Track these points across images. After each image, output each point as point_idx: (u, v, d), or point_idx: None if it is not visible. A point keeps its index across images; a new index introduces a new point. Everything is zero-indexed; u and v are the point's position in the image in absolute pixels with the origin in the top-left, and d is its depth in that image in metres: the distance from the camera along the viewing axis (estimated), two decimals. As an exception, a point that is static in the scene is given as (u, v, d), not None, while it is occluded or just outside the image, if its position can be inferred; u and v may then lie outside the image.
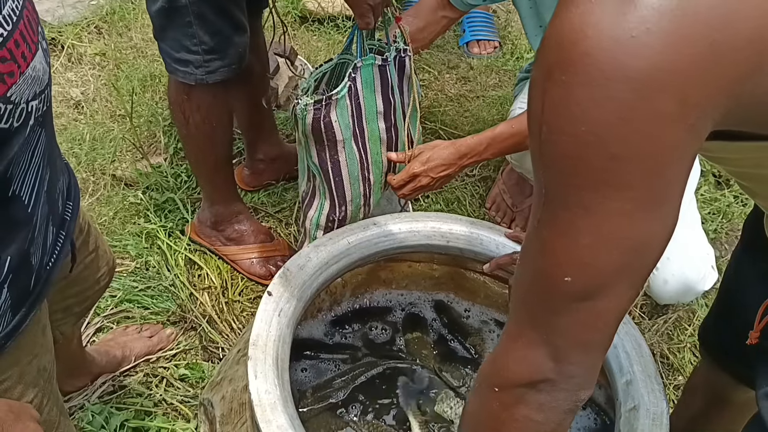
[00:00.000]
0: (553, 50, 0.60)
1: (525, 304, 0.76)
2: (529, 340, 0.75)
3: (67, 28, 2.86)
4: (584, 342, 0.74)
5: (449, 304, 1.58)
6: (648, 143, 0.60)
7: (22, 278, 0.89)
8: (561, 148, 0.62)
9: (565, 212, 0.66)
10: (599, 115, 0.59)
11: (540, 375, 0.75)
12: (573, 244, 0.67)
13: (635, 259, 0.68)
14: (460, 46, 2.96)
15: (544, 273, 0.71)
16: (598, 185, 0.62)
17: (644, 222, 0.65)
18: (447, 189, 2.34)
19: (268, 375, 1.05)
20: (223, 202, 2.01)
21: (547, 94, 0.61)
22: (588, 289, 0.69)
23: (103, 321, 1.91)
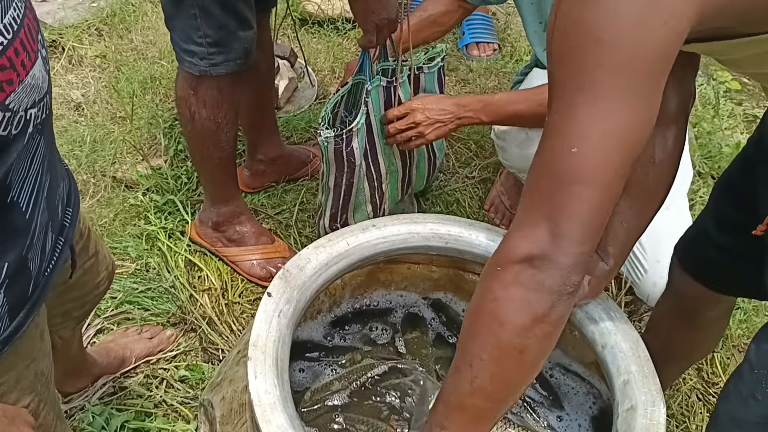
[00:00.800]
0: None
1: (534, 188, 0.89)
2: (532, 221, 0.87)
3: (68, 30, 2.87)
4: (579, 217, 0.85)
5: (447, 303, 1.58)
6: (629, 34, 0.78)
7: (20, 284, 0.90)
8: (565, 43, 0.81)
9: (569, 94, 0.82)
10: (589, 13, 0.79)
11: (537, 250, 0.86)
12: (575, 119, 0.82)
13: (627, 135, 0.83)
14: (459, 49, 2.98)
15: (553, 150, 0.85)
16: (589, 67, 0.80)
17: (632, 102, 0.81)
18: (447, 191, 2.35)
19: (267, 375, 1.06)
20: (224, 202, 2.01)
21: (559, 8, 0.82)
22: (589, 158, 0.83)
23: (103, 322, 1.91)
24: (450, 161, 2.46)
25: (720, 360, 1.95)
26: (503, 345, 0.89)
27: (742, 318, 2.05)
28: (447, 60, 2.85)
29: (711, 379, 1.93)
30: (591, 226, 0.86)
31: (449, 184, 2.38)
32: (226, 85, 1.77)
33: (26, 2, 0.79)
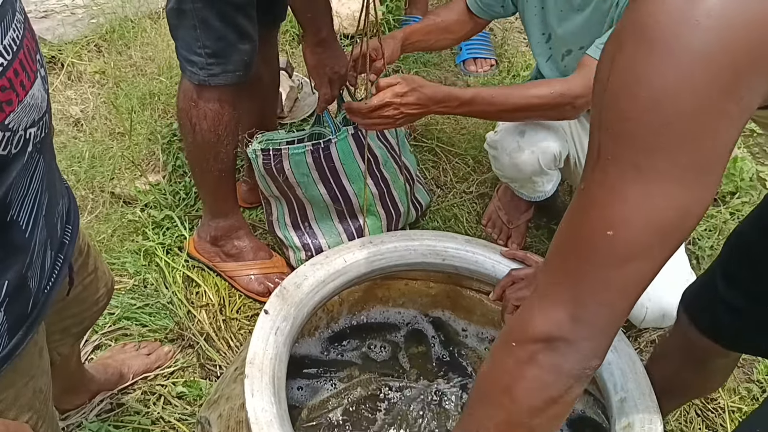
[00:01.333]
0: (627, 29, 0.71)
1: (560, 261, 0.81)
2: (555, 298, 0.79)
3: (67, 46, 2.88)
4: (607, 303, 0.77)
5: (446, 321, 1.58)
6: (700, 112, 0.67)
7: (20, 302, 0.90)
8: (621, 110, 0.70)
9: (617, 170, 0.72)
10: (659, 83, 0.67)
11: (557, 332, 0.79)
12: (620, 199, 0.72)
13: (677, 223, 0.74)
14: (457, 64, 2.99)
15: (587, 226, 0.76)
16: (651, 147, 0.69)
17: (689, 186, 0.71)
18: (444, 207, 2.35)
19: (264, 393, 1.06)
20: (223, 216, 2.02)
21: (615, 63, 0.71)
22: (627, 246, 0.74)
23: (101, 338, 1.91)
24: (448, 176, 2.47)
25: (718, 375, 1.95)
26: (512, 422, 0.85)
27: (740, 333, 2.05)
28: (443, 76, 2.89)
29: (710, 395, 1.92)
30: (618, 313, 0.79)
31: (447, 200, 2.39)
32: (227, 97, 1.78)
33: (25, 22, 0.79)
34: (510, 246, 2.20)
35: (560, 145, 1.94)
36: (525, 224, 2.27)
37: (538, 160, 1.93)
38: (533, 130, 1.93)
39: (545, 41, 1.93)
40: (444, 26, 2.06)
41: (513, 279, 1.39)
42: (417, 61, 2.95)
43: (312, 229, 2.08)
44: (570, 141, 2.03)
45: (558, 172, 2.05)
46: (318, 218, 2.07)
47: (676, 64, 0.67)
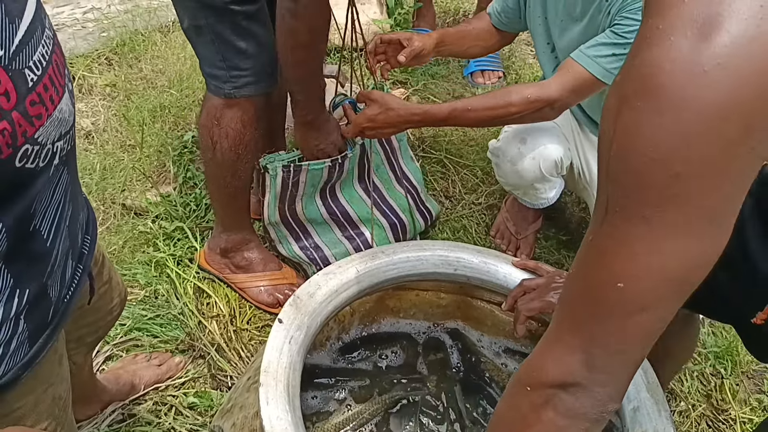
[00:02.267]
0: (632, 80, 0.68)
1: (571, 310, 0.80)
2: (567, 345, 0.79)
3: (78, 59, 2.91)
4: (620, 352, 0.77)
5: (462, 331, 1.59)
6: (710, 165, 0.66)
7: (40, 310, 0.91)
8: (628, 164, 0.69)
9: (626, 224, 0.71)
10: (666, 139, 0.65)
11: (571, 378, 0.78)
12: (630, 252, 0.71)
13: (687, 274, 0.72)
14: (464, 76, 3.01)
15: (596, 278, 0.75)
16: (660, 200, 0.68)
17: (699, 238, 0.70)
18: (454, 218, 2.36)
19: (279, 401, 1.06)
20: (235, 229, 2.03)
21: (620, 117, 0.69)
22: (637, 298, 0.73)
23: (112, 349, 1.92)
24: (456, 188, 2.48)
25: (729, 387, 1.95)
26: None
27: (750, 344, 2.05)
28: (450, 88, 2.90)
29: (720, 405, 1.92)
30: (632, 360, 0.79)
31: (456, 211, 2.40)
32: (249, 117, 1.79)
33: (54, 38, 0.81)
34: (519, 257, 2.21)
35: (561, 151, 1.95)
36: (533, 235, 2.28)
37: (539, 166, 1.94)
38: (534, 137, 1.95)
39: (550, 51, 1.95)
40: (476, 34, 2.09)
41: (524, 289, 1.39)
42: (425, 74, 2.97)
43: (316, 244, 2.10)
44: (573, 150, 2.05)
45: (561, 179, 2.06)
46: (320, 233, 2.10)
47: (683, 118, 0.64)
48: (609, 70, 1.67)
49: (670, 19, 0.65)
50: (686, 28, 0.64)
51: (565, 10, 1.82)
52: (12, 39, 0.72)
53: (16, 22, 0.73)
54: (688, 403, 1.91)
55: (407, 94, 2.82)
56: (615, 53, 1.67)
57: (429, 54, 1.99)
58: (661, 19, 0.66)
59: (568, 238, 2.34)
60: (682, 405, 1.90)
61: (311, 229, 2.11)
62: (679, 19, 0.65)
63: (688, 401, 1.91)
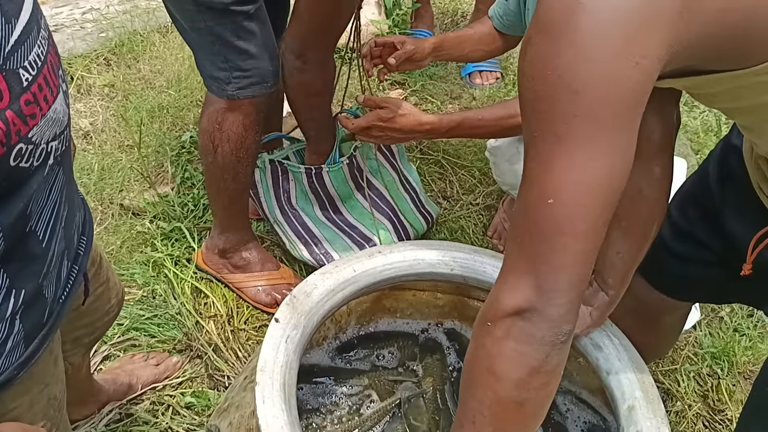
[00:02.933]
0: (532, 24, 0.81)
1: (516, 238, 0.87)
2: (517, 271, 0.86)
3: (77, 59, 2.91)
4: (563, 266, 0.83)
5: (459, 331, 1.59)
6: (600, 78, 0.76)
7: (36, 311, 0.92)
8: (536, 91, 0.80)
9: (543, 143, 0.81)
10: (561, 61, 0.77)
11: (525, 303, 0.85)
12: (551, 169, 0.81)
13: (604, 180, 0.81)
14: (462, 77, 3.01)
15: (530, 200, 0.84)
16: (566, 117, 0.78)
17: (607, 146, 0.80)
18: (451, 218, 2.36)
19: (275, 400, 1.07)
20: (234, 230, 2.03)
21: (526, 54, 0.81)
22: (566, 211, 0.81)
23: (110, 349, 1.92)
24: (454, 188, 2.48)
25: (726, 387, 1.95)
26: (502, 400, 0.89)
27: (747, 345, 2.05)
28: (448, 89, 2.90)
29: (717, 406, 1.92)
30: (576, 275, 0.85)
31: (453, 212, 2.40)
32: (251, 119, 1.79)
33: (49, 39, 0.82)
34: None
35: None
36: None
37: None
38: None
39: None
40: (477, 38, 2.08)
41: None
42: (423, 74, 2.97)
43: (327, 251, 2.11)
44: None
45: None
46: (330, 242, 2.12)
47: (570, 42, 0.76)
48: None
49: None
50: None
51: None
52: (8, 39, 0.72)
53: (12, 22, 0.73)
54: (684, 404, 1.91)
55: (405, 95, 2.83)
56: None
57: (425, 58, 1.98)
58: None
59: (566, 238, 2.34)
60: (678, 405, 1.91)
61: (321, 237, 2.12)
62: None
63: (684, 401, 1.91)
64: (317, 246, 2.11)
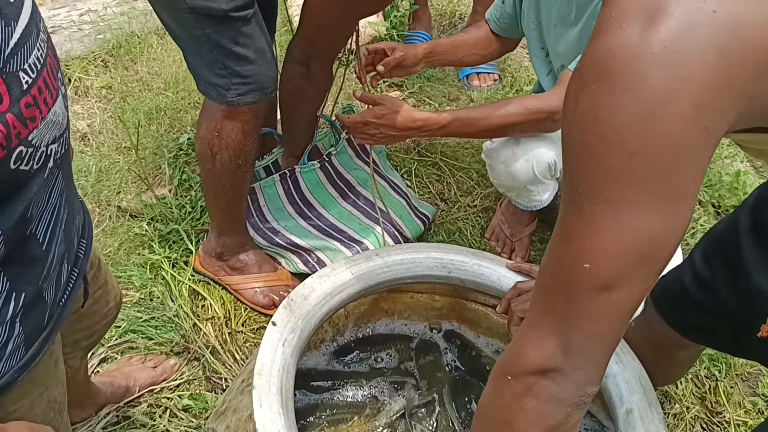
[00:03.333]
0: (587, 66, 0.72)
1: (544, 294, 0.82)
2: (544, 329, 0.80)
3: (74, 61, 2.91)
4: (594, 333, 0.78)
5: (457, 332, 1.59)
6: (664, 142, 0.68)
7: (36, 314, 0.91)
8: (587, 145, 0.72)
9: (589, 203, 0.73)
10: (621, 118, 0.68)
11: (550, 363, 0.79)
12: (594, 231, 0.74)
13: (651, 251, 0.74)
14: (460, 79, 3.01)
15: (565, 259, 0.77)
16: (619, 178, 0.70)
17: (661, 215, 0.72)
18: (449, 220, 2.36)
19: (272, 404, 1.06)
20: (231, 234, 2.03)
21: (579, 101, 0.72)
22: (604, 276, 0.75)
23: (107, 351, 1.92)
24: (452, 190, 2.48)
25: (723, 389, 1.95)
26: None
27: (744, 346, 2.05)
28: (446, 90, 2.90)
29: (715, 408, 1.92)
30: (606, 341, 0.79)
31: (451, 213, 2.40)
32: (249, 126, 1.78)
33: (48, 42, 0.82)
34: (514, 259, 2.22)
35: (555, 153, 1.96)
36: (528, 237, 2.28)
37: (532, 168, 1.95)
38: (528, 139, 1.95)
39: (544, 56, 1.96)
40: (472, 42, 2.09)
41: (519, 291, 1.40)
42: (421, 76, 2.97)
43: (319, 258, 2.11)
44: None
45: (555, 182, 2.07)
46: (321, 249, 2.14)
47: (636, 98, 0.68)
48: None
49: (621, 7, 0.70)
50: (636, 15, 0.68)
51: (559, 15, 1.82)
52: (7, 42, 0.72)
53: (12, 25, 0.73)
54: (682, 406, 1.91)
55: (403, 97, 2.83)
56: None
57: (416, 64, 1.99)
58: (614, 8, 0.70)
59: (563, 240, 2.34)
60: (676, 407, 1.91)
61: (309, 247, 2.13)
62: (629, 7, 0.69)
63: (682, 404, 1.91)
64: (309, 255, 2.12)
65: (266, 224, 2.16)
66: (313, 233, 2.15)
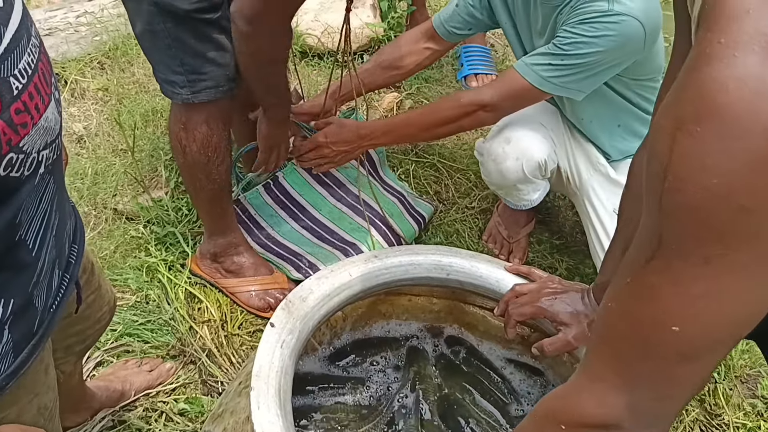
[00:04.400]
0: (689, 101, 0.60)
1: (614, 348, 0.74)
2: (610, 385, 0.74)
3: (71, 63, 2.90)
4: (669, 397, 0.72)
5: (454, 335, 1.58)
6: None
7: (25, 320, 0.90)
8: (687, 198, 0.61)
9: (683, 263, 0.64)
10: (732, 166, 0.58)
11: (613, 419, 0.74)
12: (687, 294, 0.65)
13: (747, 318, 0.67)
14: (458, 80, 3.01)
15: (648, 319, 0.69)
16: (724, 237, 0.61)
17: (764, 278, 0.63)
18: (447, 222, 2.36)
19: (270, 406, 1.06)
20: (221, 233, 2.02)
21: (676, 144, 0.61)
22: (693, 343, 0.68)
23: (103, 355, 1.91)
24: (449, 192, 2.47)
25: (723, 391, 1.94)
26: None
27: (744, 348, 2.05)
28: (444, 92, 2.90)
29: (714, 410, 1.92)
30: (678, 404, 0.74)
31: (449, 215, 2.39)
32: (215, 119, 1.78)
33: (40, 47, 0.81)
34: (512, 261, 2.21)
35: (546, 153, 1.97)
36: (525, 239, 2.27)
37: (522, 167, 1.96)
38: (519, 138, 1.98)
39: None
40: (387, 64, 2.16)
41: (516, 294, 1.39)
42: (418, 77, 2.96)
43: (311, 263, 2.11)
44: (563, 155, 2.06)
45: (546, 182, 2.07)
46: (314, 254, 2.14)
47: (751, 142, 0.57)
48: (545, 78, 1.76)
49: (733, 32, 0.58)
50: (753, 42, 0.57)
51: (528, 25, 1.87)
52: None
53: (1, 31, 0.72)
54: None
55: (400, 98, 2.82)
56: (551, 63, 1.75)
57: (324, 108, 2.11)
58: (722, 33, 0.59)
59: (561, 242, 2.34)
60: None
61: (302, 253, 2.12)
62: (744, 33, 0.58)
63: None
64: (301, 261, 2.11)
65: (262, 231, 2.16)
66: (306, 237, 2.14)
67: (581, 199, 2.05)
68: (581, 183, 2.03)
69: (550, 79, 1.76)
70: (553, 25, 1.78)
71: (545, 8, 1.79)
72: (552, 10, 1.77)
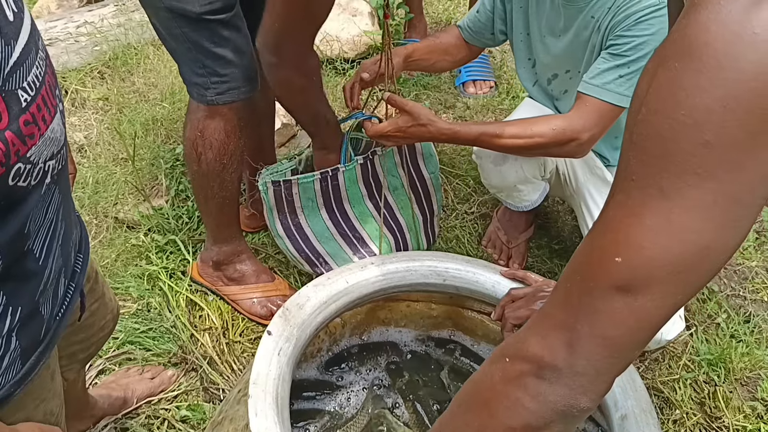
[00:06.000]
0: (673, 42, 0.63)
1: (565, 284, 0.75)
2: (555, 322, 0.74)
3: (71, 73, 2.92)
4: (606, 337, 0.70)
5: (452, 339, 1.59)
6: (744, 135, 0.59)
7: (32, 328, 0.92)
8: (655, 128, 0.63)
9: (640, 193, 0.65)
10: (702, 101, 0.60)
11: (550, 358, 0.73)
12: (636, 223, 0.66)
13: (693, 260, 0.65)
14: (456, 86, 3.02)
15: (596, 250, 0.70)
16: (683, 170, 0.62)
17: (716, 221, 0.63)
18: (446, 228, 2.36)
19: (268, 413, 1.06)
20: (226, 241, 2.03)
21: (655, 79, 0.63)
22: (634, 276, 0.67)
23: (105, 363, 1.92)
24: (449, 197, 2.48)
25: (723, 394, 1.95)
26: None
27: (744, 351, 2.05)
28: (442, 98, 2.91)
29: (714, 413, 1.92)
30: (616, 350, 0.71)
31: (448, 221, 2.40)
32: (232, 126, 1.80)
33: (47, 59, 0.83)
34: (511, 266, 2.22)
35: None
36: (525, 244, 2.28)
37: (521, 167, 1.96)
38: None
39: (531, 66, 1.99)
40: (443, 48, 2.11)
41: (512, 298, 1.40)
42: (417, 84, 2.98)
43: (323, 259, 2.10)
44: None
45: (545, 183, 2.08)
46: (331, 254, 2.10)
47: (726, 81, 0.59)
48: (622, 93, 1.66)
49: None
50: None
51: (548, 26, 1.85)
52: (7, 60, 0.73)
53: (11, 44, 0.74)
54: (682, 412, 1.91)
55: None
56: (621, 75, 1.66)
57: (399, 70, 2.00)
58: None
59: (561, 246, 2.35)
60: (677, 413, 1.90)
61: (323, 253, 2.09)
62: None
63: (682, 409, 1.91)
64: (318, 260, 2.09)
65: (293, 215, 2.06)
66: (330, 231, 2.09)
67: (578, 202, 2.05)
68: (578, 186, 2.03)
69: (628, 91, 1.67)
70: (582, 24, 1.74)
71: (569, 9, 1.76)
72: (577, 11, 1.74)
